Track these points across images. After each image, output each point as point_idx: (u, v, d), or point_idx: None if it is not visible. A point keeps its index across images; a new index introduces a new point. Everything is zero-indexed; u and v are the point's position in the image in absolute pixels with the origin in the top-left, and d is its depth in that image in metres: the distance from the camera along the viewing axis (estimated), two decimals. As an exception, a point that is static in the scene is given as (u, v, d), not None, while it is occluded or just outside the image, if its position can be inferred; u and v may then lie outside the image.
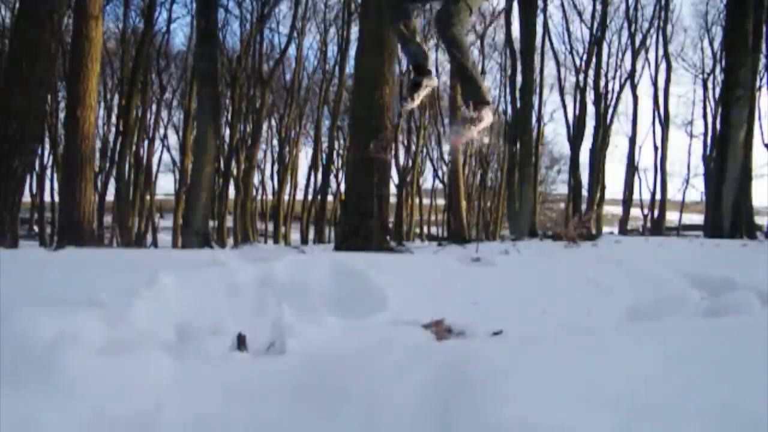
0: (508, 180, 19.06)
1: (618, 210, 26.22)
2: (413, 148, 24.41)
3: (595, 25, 21.77)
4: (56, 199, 20.01)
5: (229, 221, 23.05)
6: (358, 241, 5.96)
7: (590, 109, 22.11)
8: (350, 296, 2.13)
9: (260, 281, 2.11)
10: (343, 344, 1.61)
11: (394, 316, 1.97)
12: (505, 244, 7.32)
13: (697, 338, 0.99)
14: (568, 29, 23.86)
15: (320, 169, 25.15)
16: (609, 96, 23.18)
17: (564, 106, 23.58)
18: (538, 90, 20.94)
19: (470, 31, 25.13)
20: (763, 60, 15.93)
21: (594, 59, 21.95)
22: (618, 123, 28.00)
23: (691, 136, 26.35)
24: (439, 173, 28.38)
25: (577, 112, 22.37)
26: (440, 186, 28.50)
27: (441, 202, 28.14)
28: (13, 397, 0.84)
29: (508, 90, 21.27)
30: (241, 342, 1.74)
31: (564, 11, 23.15)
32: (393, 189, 20.87)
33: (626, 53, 23.44)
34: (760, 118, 19.23)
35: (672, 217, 27.15)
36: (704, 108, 24.50)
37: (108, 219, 19.57)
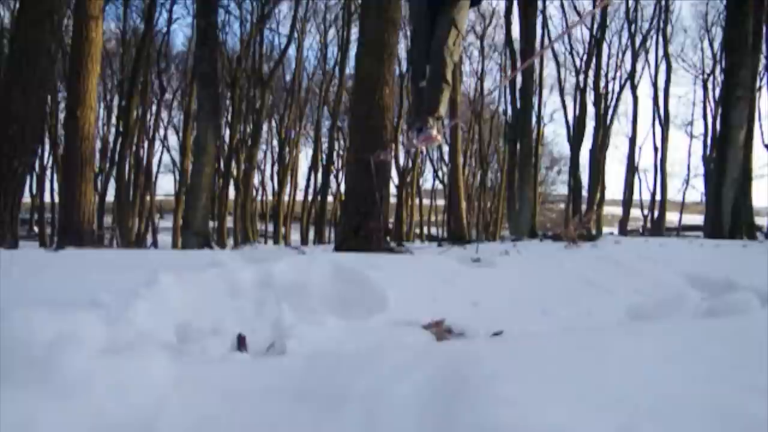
0: (508, 180, 19.06)
1: (618, 210, 26.23)
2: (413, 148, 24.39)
3: (595, 26, 21.80)
4: (56, 199, 20.03)
5: (229, 222, 23.04)
6: (358, 242, 5.96)
7: (590, 110, 22.14)
8: (350, 297, 2.13)
9: (260, 282, 2.11)
10: (342, 345, 1.61)
11: (394, 317, 1.97)
12: (505, 245, 7.32)
13: (697, 338, 0.99)
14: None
15: (320, 170, 25.17)
16: (609, 96, 23.23)
17: (564, 107, 23.64)
18: (538, 91, 20.97)
19: (469, 31, 25.17)
20: (763, 60, 15.93)
21: (594, 60, 21.98)
22: (618, 123, 28.10)
23: (691, 136, 26.42)
24: (439, 174, 28.41)
25: (577, 112, 22.39)
26: (440, 186, 28.53)
27: (441, 202, 28.14)
28: (13, 397, 0.84)
29: (508, 90, 21.29)
30: (241, 342, 1.74)
31: (564, 12, 23.19)
32: (393, 189, 20.89)
33: (626, 54, 23.50)
34: (760, 119, 19.27)
35: (672, 217, 27.15)
36: (704, 108, 24.55)
37: (108, 219, 19.59)
